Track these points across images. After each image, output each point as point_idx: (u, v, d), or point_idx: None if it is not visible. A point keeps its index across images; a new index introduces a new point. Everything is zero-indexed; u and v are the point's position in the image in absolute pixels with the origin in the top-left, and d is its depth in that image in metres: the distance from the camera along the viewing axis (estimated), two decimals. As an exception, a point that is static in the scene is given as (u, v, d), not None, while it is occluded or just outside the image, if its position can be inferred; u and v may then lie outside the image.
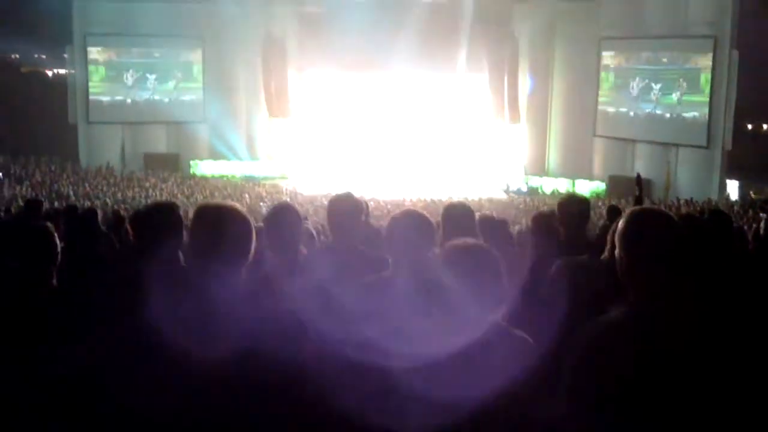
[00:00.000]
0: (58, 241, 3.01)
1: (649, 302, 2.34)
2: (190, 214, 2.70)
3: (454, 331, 2.41)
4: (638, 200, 7.17)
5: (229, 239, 2.46)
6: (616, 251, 2.45)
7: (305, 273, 3.48)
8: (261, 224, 3.63)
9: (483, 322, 2.45)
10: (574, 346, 2.40)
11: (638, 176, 7.69)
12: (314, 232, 6.28)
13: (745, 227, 11.78)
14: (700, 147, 29.51)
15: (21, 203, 19.88)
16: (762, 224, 3.61)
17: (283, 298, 2.92)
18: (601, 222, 7.93)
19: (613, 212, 6.97)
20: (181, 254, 3.29)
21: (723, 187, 29.80)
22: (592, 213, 5.18)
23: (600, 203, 23.34)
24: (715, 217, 4.94)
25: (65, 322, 2.79)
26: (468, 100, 35.74)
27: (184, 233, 3.31)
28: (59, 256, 3.01)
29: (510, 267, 2.64)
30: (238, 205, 2.57)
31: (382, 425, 2.41)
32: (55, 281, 2.97)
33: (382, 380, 2.41)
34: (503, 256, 2.60)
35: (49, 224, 3.13)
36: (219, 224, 2.47)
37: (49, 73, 41.79)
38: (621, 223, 2.46)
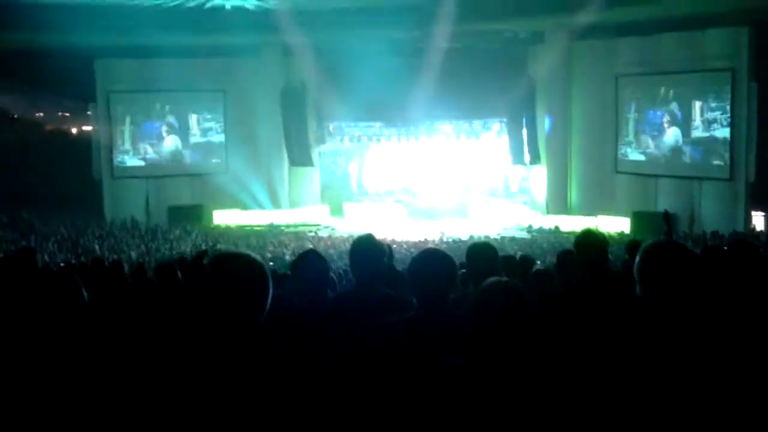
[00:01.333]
0: (85, 294, 3.05)
1: (667, 338, 2.34)
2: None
3: (489, 373, 2.41)
4: (668, 237, 7.07)
5: (242, 290, 2.48)
6: (637, 286, 2.46)
7: (331, 317, 3.50)
8: (287, 271, 3.66)
9: (513, 360, 2.44)
10: (598, 380, 2.41)
11: (666, 213, 7.62)
12: (335, 278, 6.31)
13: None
14: (723, 180, 29.31)
15: (47, 259, 20.11)
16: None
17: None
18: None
19: (634, 248, 6.93)
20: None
21: (748, 218, 29.48)
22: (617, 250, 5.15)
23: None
24: (740, 248, 4.91)
25: (93, 373, 2.80)
26: (487, 142, 35.94)
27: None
28: (87, 309, 3.04)
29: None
30: (253, 255, 2.59)
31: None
32: (82, 333, 2.99)
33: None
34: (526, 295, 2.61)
35: (76, 277, 3.17)
36: (232, 275, 2.50)
37: (74, 130, 42.51)
38: (638, 259, 2.48)
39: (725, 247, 5.24)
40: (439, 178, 36.35)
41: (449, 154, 36.46)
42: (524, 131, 33.97)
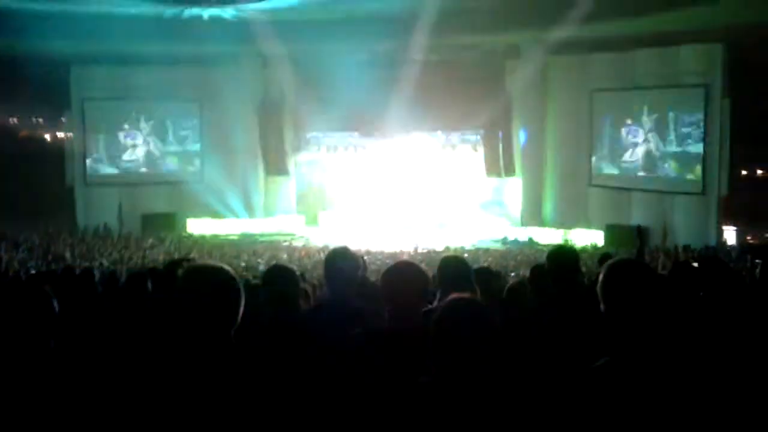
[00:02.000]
0: (55, 304, 3.03)
1: (631, 351, 2.37)
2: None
3: (454, 388, 2.43)
4: (640, 252, 7.15)
5: (214, 303, 2.48)
6: (600, 303, 2.49)
7: (303, 328, 3.50)
8: (258, 281, 3.66)
9: (482, 376, 2.46)
10: (561, 398, 2.43)
11: (638, 228, 7.66)
12: (310, 290, 6.30)
13: (743, 273, 11.80)
14: (695, 194, 29.64)
15: (17, 266, 19.87)
16: (757, 270, 3.65)
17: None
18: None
19: (605, 261, 6.98)
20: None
21: (720, 233, 29.82)
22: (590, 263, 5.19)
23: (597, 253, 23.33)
24: (710, 263, 4.97)
25: (63, 385, 2.78)
26: (462, 154, 36.11)
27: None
28: (57, 319, 3.02)
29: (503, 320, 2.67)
30: (225, 267, 2.59)
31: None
32: (52, 343, 2.97)
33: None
34: (496, 309, 2.63)
35: (47, 287, 3.15)
36: (205, 288, 2.49)
37: (47, 137, 42.14)
38: (600, 277, 2.51)
39: (695, 263, 5.30)
40: (415, 189, 36.41)
41: (425, 166, 36.57)
42: (500, 144, 34.18)
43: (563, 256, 4.34)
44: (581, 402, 2.37)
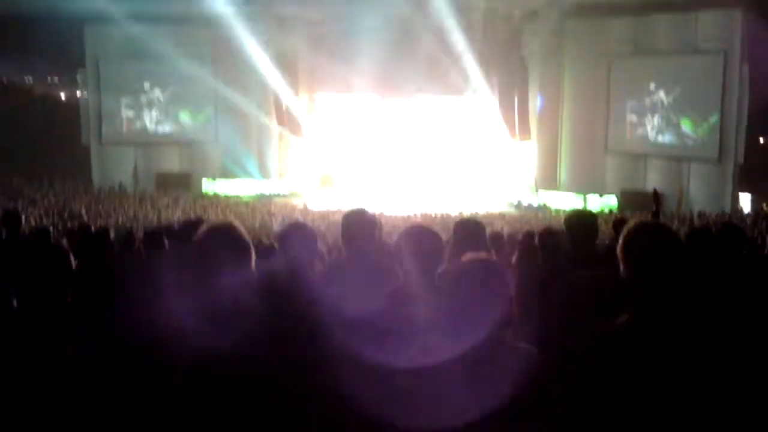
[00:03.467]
0: (72, 260, 3.05)
1: (649, 313, 2.37)
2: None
3: (463, 344, 2.44)
4: (656, 216, 7.05)
5: (223, 256, 2.50)
6: (620, 264, 2.48)
7: (320, 288, 3.51)
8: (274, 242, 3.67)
9: (491, 335, 2.47)
10: (578, 353, 2.44)
11: (655, 191, 7.54)
12: (325, 251, 6.31)
13: (758, 240, 11.74)
14: (712, 161, 29.43)
15: (33, 224, 20.03)
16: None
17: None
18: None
19: (620, 225, 6.96)
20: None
21: (735, 200, 29.66)
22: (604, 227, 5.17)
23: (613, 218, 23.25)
24: (726, 230, 4.94)
25: (81, 340, 2.81)
26: (478, 118, 35.85)
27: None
28: (74, 275, 3.04)
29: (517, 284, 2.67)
30: (237, 225, 2.61)
31: (387, 424, 2.44)
32: (69, 299, 3.00)
33: (389, 383, 2.44)
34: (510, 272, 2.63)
35: (63, 243, 3.17)
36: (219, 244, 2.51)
37: (62, 95, 42.18)
38: (621, 237, 2.50)
39: (712, 230, 5.28)
40: (429, 152, 36.29)
41: (440, 129, 36.38)
42: (515, 108, 33.93)
43: (581, 218, 4.32)
44: (604, 358, 2.37)
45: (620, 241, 2.50)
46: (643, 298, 2.40)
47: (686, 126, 30.32)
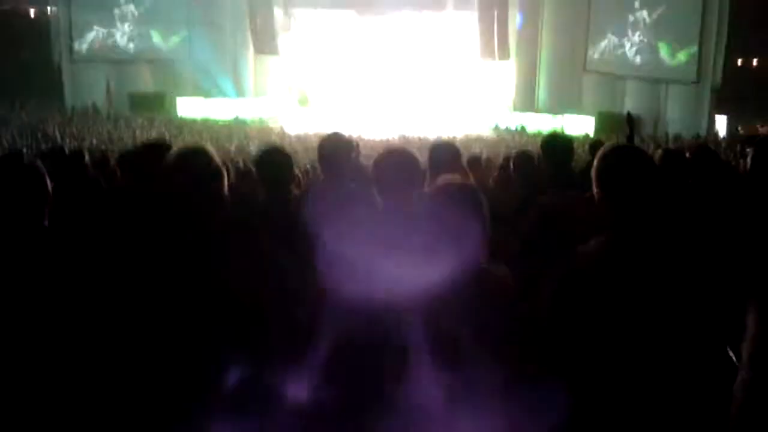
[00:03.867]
0: (49, 181, 3.02)
1: (624, 233, 2.41)
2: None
3: (438, 269, 2.47)
4: (629, 140, 7.11)
5: (194, 181, 2.50)
6: (593, 187, 2.51)
7: (297, 210, 3.53)
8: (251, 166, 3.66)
9: (466, 260, 2.50)
10: (554, 275, 2.48)
11: (629, 115, 7.53)
12: (300, 175, 6.31)
13: (732, 162, 11.85)
14: (689, 83, 29.41)
15: (6, 145, 19.76)
16: (748, 159, 3.67)
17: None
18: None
19: (596, 148, 6.99)
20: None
21: (712, 122, 29.77)
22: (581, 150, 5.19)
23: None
24: (700, 153, 5.00)
25: (57, 262, 2.81)
26: (457, 36, 35.40)
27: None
28: (50, 197, 3.02)
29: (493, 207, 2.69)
30: (207, 149, 2.59)
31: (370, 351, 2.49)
32: (46, 222, 2.98)
33: (367, 311, 2.48)
34: (487, 196, 2.65)
35: (39, 163, 3.14)
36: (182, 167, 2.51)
37: (32, 12, 40.99)
38: (595, 161, 2.53)
39: (687, 153, 5.32)
40: (407, 72, 35.89)
41: (417, 47, 35.88)
42: (495, 25, 33.47)
43: (558, 142, 4.34)
44: (579, 279, 2.42)
45: (595, 165, 2.53)
46: (617, 220, 2.45)
47: (664, 52, 30.17)
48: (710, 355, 2.34)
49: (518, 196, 4.80)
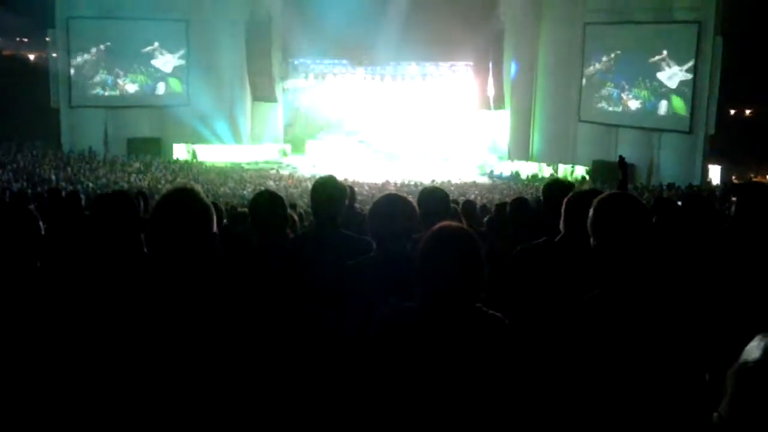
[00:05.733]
0: (41, 225, 3.02)
1: (620, 284, 2.40)
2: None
3: (438, 314, 2.46)
4: (622, 184, 7.09)
5: (181, 219, 2.52)
6: (590, 238, 2.51)
7: (289, 256, 3.52)
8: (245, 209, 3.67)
9: (466, 304, 2.49)
10: (552, 325, 2.47)
11: (621, 159, 7.48)
12: (296, 218, 6.32)
13: (726, 212, 11.89)
14: (683, 132, 29.68)
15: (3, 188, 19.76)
16: (732, 207, 3.69)
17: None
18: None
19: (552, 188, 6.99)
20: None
21: (705, 171, 30.00)
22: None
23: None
24: (692, 201, 5.01)
25: (49, 305, 2.80)
26: (453, 85, 35.82)
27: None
28: (43, 240, 3.02)
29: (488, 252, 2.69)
30: (196, 188, 2.61)
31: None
32: (38, 264, 2.98)
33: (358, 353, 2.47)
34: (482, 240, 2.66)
35: (32, 207, 3.15)
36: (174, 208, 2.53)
37: (31, 57, 41.42)
38: (591, 211, 2.51)
39: (679, 202, 5.35)
40: (403, 119, 36.21)
41: (414, 97, 36.27)
42: (490, 75, 33.90)
43: (560, 188, 4.36)
44: (575, 330, 2.41)
45: (591, 215, 2.52)
46: (613, 270, 2.44)
47: (657, 102, 30.53)
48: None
49: (512, 240, 4.79)
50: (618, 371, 2.33)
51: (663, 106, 30.42)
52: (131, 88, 34.96)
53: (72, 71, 33.79)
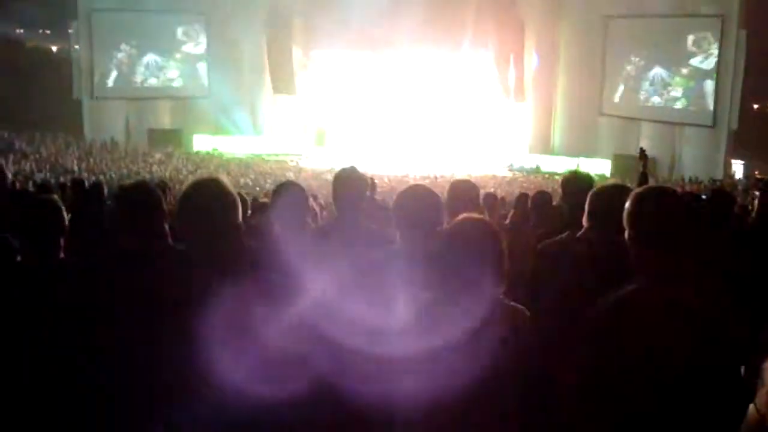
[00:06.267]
0: (65, 215, 3.04)
1: (658, 280, 2.37)
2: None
3: (457, 303, 2.46)
4: (643, 176, 6.98)
5: (207, 209, 2.51)
6: (626, 231, 2.47)
7: (311, 246, 3.52)
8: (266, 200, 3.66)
9: (486, 296, 2.48)
10: (585, 321, 2.44)
11: (642, 151, 7.31)
12: (317, 210, 6.32)
13: (749, 207, 11.79)
14: (705, 126, 29.44)
15: (23, 178, 19.94)
16: (756, 201, 3.63)
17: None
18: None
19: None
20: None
21: (728, 166, 29.75)
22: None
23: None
24: (716, 196, 4.97)
25: (72, 295, 2.81)
26: (474, 78, 35.68)
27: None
28: (66, 229, 3.03)
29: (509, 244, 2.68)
30: (222, 179, 2.60)
31: (382, 399, 2.47)
32: (62, 254, 2.99)
33: (381, 348, 2.46)
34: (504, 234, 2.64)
35: (56, 197, 3.16)
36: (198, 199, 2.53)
37: (54, 49, 41.66)
38: (628, 204, 2.47)
39: (703, 195, 5.30)
40: (424, 112, 36.12)
41: (434, 89, 36.17)
42: (511, 67, 33.76)
43: (579, 181, 4.31)
44: (613, 326, 2.38)
45: (628, 208, 2.47)
46: (650, 266, 2.39)
47: (680, 95, 30.27)
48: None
49: (534, 233, 4.77)
50: (660, 366, 2.30)
51: (684, 100, 30.16)
52: (153, 80, 35.12)
53: (94, 63, 33.95)
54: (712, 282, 2.47)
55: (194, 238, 2.54)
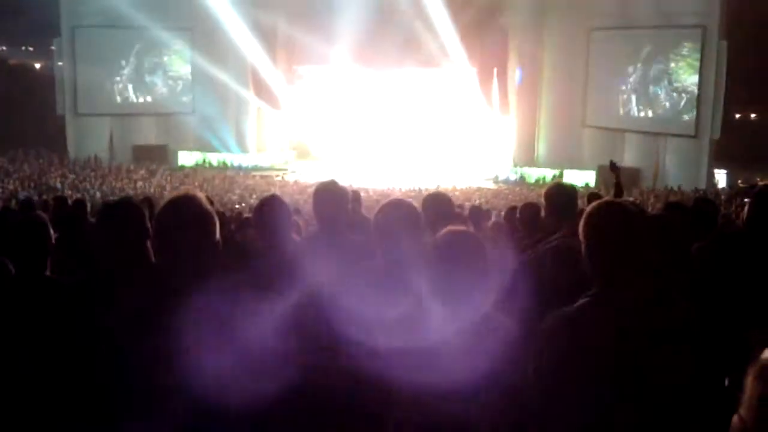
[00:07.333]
0: (52, 233, 3.03)
1: (608, 292, 2.38)
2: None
3: (446, 319, 2.46)
4: (618, 187, 7.04)
5: (182, 225, 2.50)
6: (582, 244, 2.49)
7: (293, 261, 3.51)
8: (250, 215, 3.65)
9: (474, 308, 2.49)
10: (538, 334, 2.46)
11: (612, 163, 7.41)
12: (302, 224, 6.31)
13: (733, 215, 11.87)
14: (688, 136, 29.65)
15: (7, 196, 19.82)
16: (745, 209, 3.66)
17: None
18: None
19: (594, 200, 6.99)
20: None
21: (711, 175, 29.96)
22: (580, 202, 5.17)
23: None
24: (701, 205, 5.00)
25: (58, 313, 2.80)
26: (457, 91, 35.82)
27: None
28: (53, 248, 3.02)
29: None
30: (198, 195, 2.60)
31: (373, 413, 2.47)
32: (48, 272, 2.99)
33: (372, 369, 2.46)
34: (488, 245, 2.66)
35: (42, 215, 3.16)
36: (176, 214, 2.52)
37: (37, 65, 41.54)
38: (582, 218, 2.51)
39: (686, 205, 5.33)
40: (407, 126, 36.21)
41: (418, 103, 36.29)
42: (494, 82, 33.93)
43: (562, 192, 4.32)
44: (563, 335, 2.39)
45: (581, 222, 2.51)
46: (601, 278, 2.42)
47: (662, 106, 30.51)
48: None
49: (521, 245, 4.78)
50: (623, 380, 2.31)
51: (667, 111, 30.39)
52: (137, 96, 35.04)
53: (77, 79, 33.84)
54: (670, 291, 2.49)
55: (172, 255, 2.53)
